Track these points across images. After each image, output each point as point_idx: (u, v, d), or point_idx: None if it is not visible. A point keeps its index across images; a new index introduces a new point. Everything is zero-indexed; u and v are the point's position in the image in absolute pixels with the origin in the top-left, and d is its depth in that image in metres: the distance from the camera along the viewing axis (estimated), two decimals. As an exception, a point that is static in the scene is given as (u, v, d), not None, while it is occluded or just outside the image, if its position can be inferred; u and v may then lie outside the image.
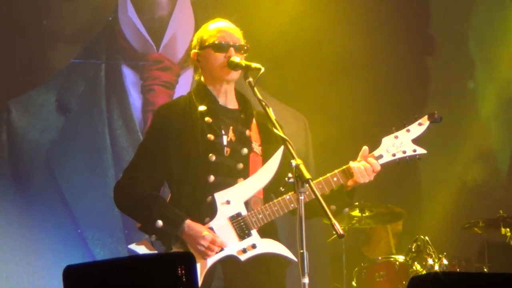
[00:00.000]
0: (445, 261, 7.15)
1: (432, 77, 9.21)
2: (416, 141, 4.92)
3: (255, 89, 4.70)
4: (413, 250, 7.32)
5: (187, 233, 4.76)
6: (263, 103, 4.61)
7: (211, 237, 4.74)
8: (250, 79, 4.76)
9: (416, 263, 7.28)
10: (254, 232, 4.82)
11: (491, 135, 9.27)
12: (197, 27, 5.23)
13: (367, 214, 7.73)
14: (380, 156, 4.91)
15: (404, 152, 4.90)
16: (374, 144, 4.96)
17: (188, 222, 4.77)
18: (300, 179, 4.27)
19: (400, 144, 4.91)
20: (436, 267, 7.08)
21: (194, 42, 5.08)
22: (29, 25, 8.18)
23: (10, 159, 8.10)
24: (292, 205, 4.81)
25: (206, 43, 4.99)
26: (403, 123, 4.94)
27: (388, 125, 4.96)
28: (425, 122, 4.93)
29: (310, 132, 8.84)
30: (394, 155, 4.91)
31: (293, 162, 4.30)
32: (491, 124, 9.25)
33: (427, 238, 7.30)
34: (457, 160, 9.12)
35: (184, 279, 3.68)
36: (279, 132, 4.50)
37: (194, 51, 5.07)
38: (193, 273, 3.73)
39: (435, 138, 5.18)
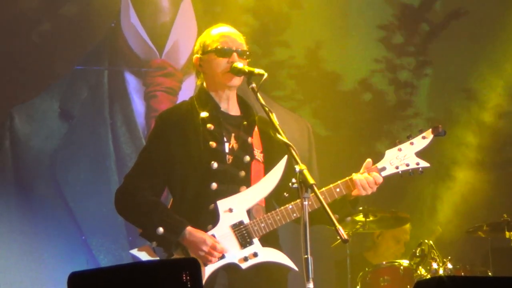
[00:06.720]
0: (449, 265, 7.14)
1: (437, 87, 9.18)
2: (419, 154, 4.93)
3: (258, 94, 4.68)
4: (418, 254, 7.32)
5: (188, 239, 4.75)
6: (267, 109, 4.58)
7: (211, 242, 4.73)
8: (253, 84, 4.74)
9: (420, 267, 7.27)
10: (256, 240, 4.81)
11: (494, 139, 9.26)
12: (199, 33, 5.21)
13: (371, 219, 7.71)
14: (383, 169, 4.92)
15: (407, 165, 4.93)
16: (377, 149, 4.96)
17: (189, 229, 4.76)
18: (304, 184, 4.25)
19: (403, 156, 4.93)
20: (441, 271, 7.07)
21: (197, 47, 5.05)
22: (31, 32, 8.18)
23: (14, 166, 8.10)
24: (294, 214, 4.80)
25: (209, 48, 4.97)
26: (407, 135, 4.95)
27: (392, 131, 4.96)
28: (429, 135, 4.95)
29: (313, 138, 8.83)
30: (397, 167, 4.93)
31: (297, 167, 4.29)
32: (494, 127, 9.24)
33: (431, 242, 7.30)
34: (460, 164, 9.11)
35: (189, 285, 3.67)
36: (282, 137, 4.47)
37: (196, 56, 5.04)
38: (198, 279, 3.73)
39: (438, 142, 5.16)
